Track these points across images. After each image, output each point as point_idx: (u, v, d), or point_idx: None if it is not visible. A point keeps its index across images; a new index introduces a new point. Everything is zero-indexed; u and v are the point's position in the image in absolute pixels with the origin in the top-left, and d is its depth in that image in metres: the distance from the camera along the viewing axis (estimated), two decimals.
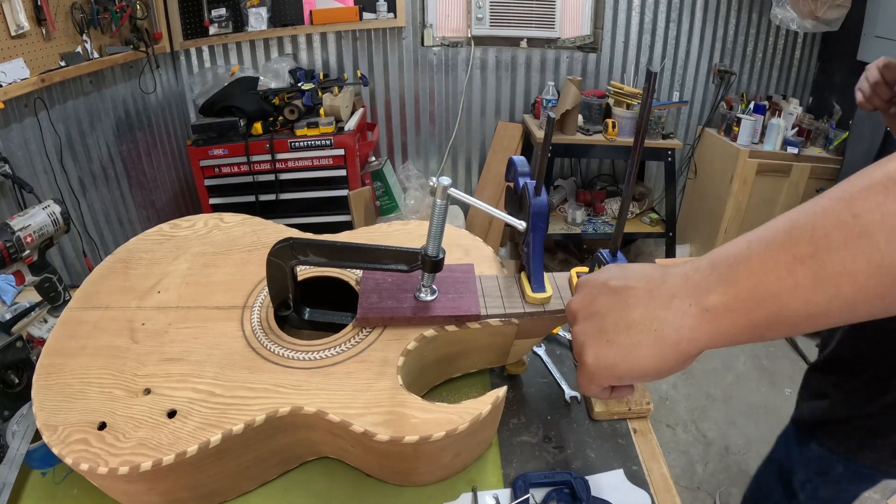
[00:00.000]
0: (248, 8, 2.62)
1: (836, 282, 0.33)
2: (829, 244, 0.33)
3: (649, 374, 0.41)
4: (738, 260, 0.40)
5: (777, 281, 0.36)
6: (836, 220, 0.34)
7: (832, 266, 0.33)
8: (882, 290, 0.32)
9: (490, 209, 0.70)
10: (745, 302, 0.37)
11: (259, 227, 0.86)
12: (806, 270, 0.34)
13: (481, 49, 2.95)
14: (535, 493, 0.66)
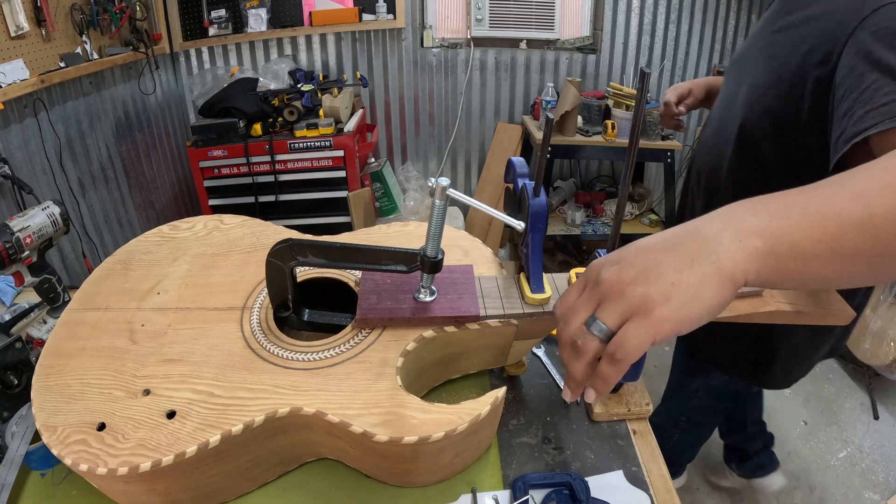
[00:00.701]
0: (247, 9, 2.63)
1: (851, 267, 0.42)
2: (849, 247, 0.42)
3: (713, 310, 0.42)
4: (780, 226, 0.43)
5: (809, 247, 0.42)
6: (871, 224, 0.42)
7: (855, 258, 0.42)
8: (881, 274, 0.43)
9: (489, 210, 0.70)
10: (781, 255, 0.42)
11: (258, 229, 0.86)
12: (832, 254, 0.42)
13: (481, 50, 2.95)
14: (535, 495, 0.66)
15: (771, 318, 0.74)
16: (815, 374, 2.44)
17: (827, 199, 0.43)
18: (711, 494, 1.86)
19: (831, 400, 2.29)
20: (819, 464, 1.99)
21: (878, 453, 2.03)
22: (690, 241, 0.44)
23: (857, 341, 2.25)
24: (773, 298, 0.73)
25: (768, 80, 0.88)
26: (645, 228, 2.99)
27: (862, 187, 0.43)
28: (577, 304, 0.46)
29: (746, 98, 0.93)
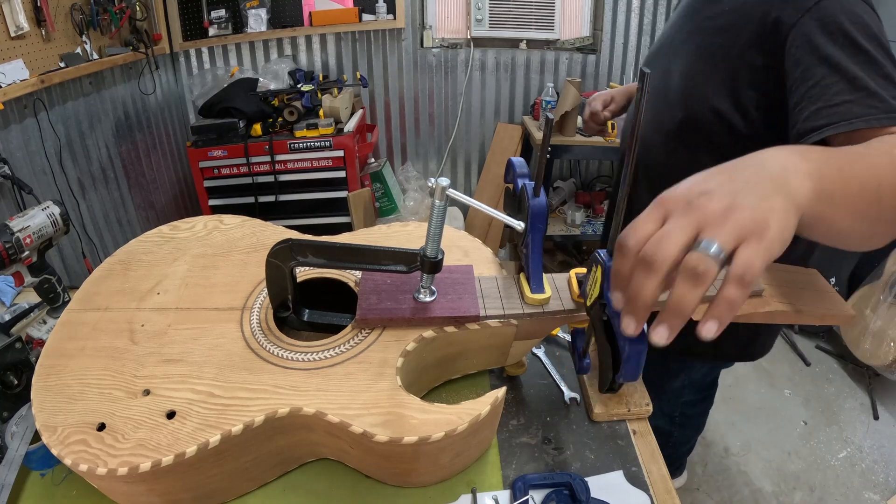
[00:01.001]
0: (247, 9, 2.63)
1: (859, 227, 0.54)
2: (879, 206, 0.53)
3: (790, 238, 0.43)
4: (824, 175, 0.48)
5: (840, 199, 0.49)
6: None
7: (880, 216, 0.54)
8: None
9: (489, 210, 0.70)
10: (822, 199, 0.47)
11: (258, 229, 0.86)
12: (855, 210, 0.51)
13: (481, 50, 2.95)
14: (535, 495, 0.66)
15: (771, 318, 0.74)
16: (816, 373, 2.44)
17: (851, 165, 0.52)
18: (712, 495, 1.86)
19: (831, 400, 2.29)
20: (819, 464, 1.99)
21: (878, 453, 2.03)
22: (765, 175, 0.45)
23: (857, 341, 2.25)
24: (773, 298, 0.74)
25: (704, 70, 0.88)
26: None
27: (876, 162, 0.55)
28: (667, 231, 0.43)
29: (683, 90, 0.92)
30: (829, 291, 0.78)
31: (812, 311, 0.74)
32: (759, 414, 2.21)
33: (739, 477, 1.93)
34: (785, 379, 2.40)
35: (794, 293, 0.75)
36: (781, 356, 2.54)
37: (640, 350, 0.53)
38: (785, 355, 2.55)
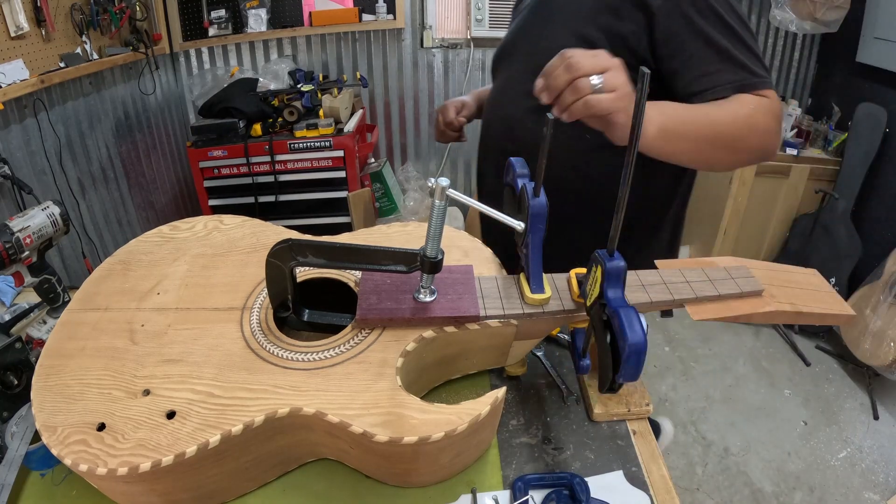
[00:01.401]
0: (247, 9, 2.63)
1: (696, 154, 0.84)
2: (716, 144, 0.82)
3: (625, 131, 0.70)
4: (665, 117, 0.79)
5: (678, 132, 0.80)
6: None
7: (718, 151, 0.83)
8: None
9: (489, 210, 0.70)
10: (665, 129, 0.78)
11: (258, 229, 0.86)
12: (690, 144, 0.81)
13: (481, 50, 2.95)
14: (535, 495, 0.66)
15: (771, 318, 0.74)
16: (816, 373, 2.44)
17: (694, 117, 0.81)
18: (712, 495, 1.86)
19: (831, 400, 2.29)
20: (819, 464, 1.99)
21: (878, 453, 2.03)
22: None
23: (857, 341, 2.25)
24: (773, 298, 0.74)
25: (566, 44, 0.88)
26: None
27: (716, 115, 0.82)
28: (585, 68, 0.68)
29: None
30: (829, 291, 0.78)
31: (812, 311, 0.74)
32: (759, 414, 2.21)
33: (739, 477, 1.93)
34: (785, 379, 2.40)
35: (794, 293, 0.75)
36: (781, 356, 2.54)
37: (641, 350, 0.53)
38: (785, 355, 2.55)
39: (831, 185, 2.65)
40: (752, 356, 2.54)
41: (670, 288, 0.73)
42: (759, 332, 2.70)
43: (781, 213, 2.77)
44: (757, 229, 2.82)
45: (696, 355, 2.55)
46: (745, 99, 0.84)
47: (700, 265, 0.78)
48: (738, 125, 0.82)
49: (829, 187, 2.62)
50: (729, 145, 0.83)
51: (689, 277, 0.75)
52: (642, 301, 0.71)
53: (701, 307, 0.72)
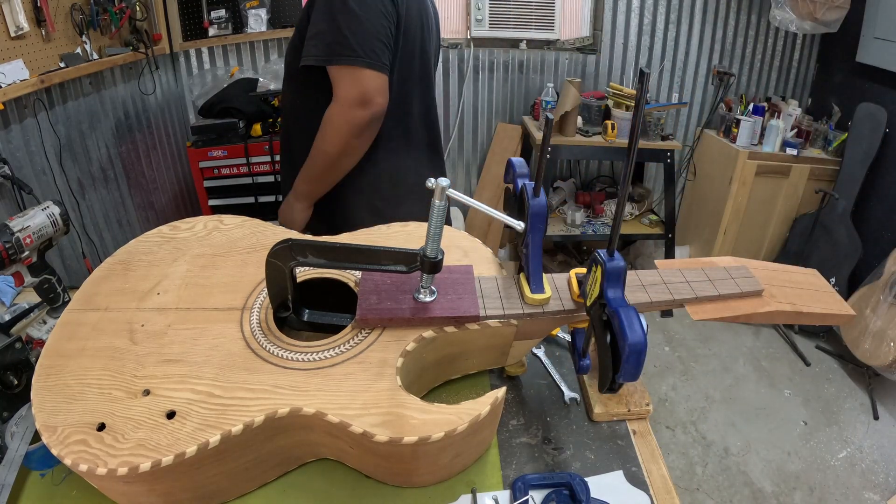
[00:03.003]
0: (247, 9, 2.63)
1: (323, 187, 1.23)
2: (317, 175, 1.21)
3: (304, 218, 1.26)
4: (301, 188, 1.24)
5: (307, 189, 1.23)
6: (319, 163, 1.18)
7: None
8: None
9: (489, 210, 0.70)
10: (305, 194, 1.23)
11: (258, 229, 0.86)
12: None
13: (480, 50, 2.95)
14: (535, 495, 0.66)
15: (771, 318, 0.74)
16: (816, 373, 2.44)
17: (310, 165, 1.19)
18: (712, 495, 1.86)
19: (831, 400, 2.29)
20: (819, 464, 1.99)
21: (878, 453, 2.03)
22: (292, 209, 1.25)
23: (857, 341, 2.25)
24: (773, 298, 0.74)
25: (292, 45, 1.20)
26: (645, 228, 2.98)
27: (317, 144, 1.15)
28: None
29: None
30: (829, 291, 0.78)
31: (812, 311, 0.74)
32: (759, 414, 2.21)
33: (739, 477, 1.93)
34: (785, 379, 2.41)
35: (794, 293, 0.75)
36: (781, 356, 2.55)
37: (640, 350, 0.53)
38: (785, 355, 2.55)
39: (831, 185, 2.65)
40: (752, 356, 2.54)
41: (670, 288, 0.73)
42: (759, 332, 2.70)
43: (781, 213, 2.77)
44: (757, 229, 2.82)
45: (696, 355, 2.55)
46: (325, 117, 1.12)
47: (700, 265, 0.78)
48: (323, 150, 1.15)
49: (829, 187, 2.62)
50: (330, 167, 1.17)
51: (689, 277, 0.75)
52: (642, 301, 0.71)
53: (701, 307, 0.72)
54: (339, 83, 1.08)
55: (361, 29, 1.06)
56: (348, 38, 1.05)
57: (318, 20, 1.07)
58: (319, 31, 1.07)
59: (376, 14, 1.08)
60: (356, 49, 1.06)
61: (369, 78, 1.08)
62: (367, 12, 1.07)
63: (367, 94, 1.08)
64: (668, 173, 2.77)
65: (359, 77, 1.07)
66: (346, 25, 1.05)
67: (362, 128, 1.12)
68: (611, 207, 3.10)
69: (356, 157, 1.17)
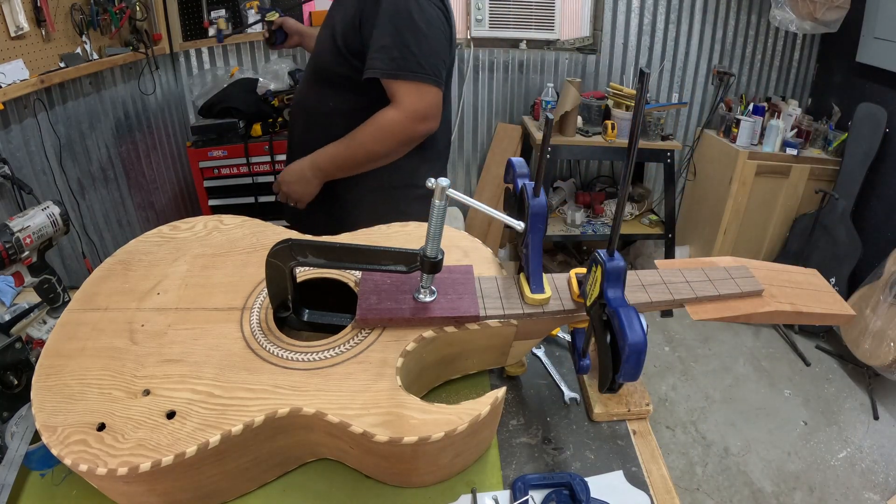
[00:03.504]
0: (247, 9, 2.63)
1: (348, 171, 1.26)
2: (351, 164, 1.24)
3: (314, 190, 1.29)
4: (319, 162, 1.25)
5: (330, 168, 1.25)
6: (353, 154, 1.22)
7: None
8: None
9: (489, 210, 0.70)
10: (324, 171, 1.25)
11: (258, 229, 0.86)
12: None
13: (480, 50, 2.95)
14: (535, 495, 0.66)
15: (771, 318, 0.74)
16: (816, 373, 2.44)
17: (344, 150, 1.20)
18: (712, 495, 1.86)
19: (831, 400, 2.29)
20: (819, 464, 1.99)
21: (878, 453, 2.03)
22: (302, 176, 1.26)
23: (857, 341, 2.25)
24: (773, 298, 0.74)
25: (328, 45, 1.22)
26: (645, 228, 2.98)
27: (360, 137, 1.18)
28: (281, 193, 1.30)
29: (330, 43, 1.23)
30: (829, 291, 0.78)
31: (812, 311, 0.74)
32: (759, 414, 2.21)
33: (739, 477, 1.93)
34: (785, 379, 2.41)
35: (794, 293, 0.75)
36: (781, 356, 2.55)
37: (640, 350, 0.53)
38: (785, 355, 2.55)
39: (831, 185, 2.65)
40: (752, 356, 2.54)
41: (670, 288, 0.73)
42: (759, 332, 2.70)
43: (781, 213, 2.77)
44: (757, 229, 2.82)
45: (696, 355, 2.55)
46: (373, 116, 1.16)
47: (700, 265, 0.78)
48: (369, 145, 1.18)
49: (829, 187, 2.62)
50: (367, 159, 1.21)
51: (689, 277, 0.75)
52: (642, 301, 0.71)
53: (701, 307, 0.72)
54: (404, 97, 1.13)
55: (427, 46, 1.11)
56: (416, 54, 1.10)
57: (382, 34, 1.10)
58: (385, 45, 1.10)
59: (438, 33, 1.14)
60: (424, 66, 1.11)
61: (433, 94, 1.15)
62: (431, 31, 1.12)
63: (429, 109, 1.15)
64: (668, 173, 2.77)
65: (424, 93, 1.13)
66: (414, 42, 1.10)
67: (416, 140, 1.19)
68: (611, 207, 3.10)
69: (393, 160, 1.23)
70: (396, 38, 1.09)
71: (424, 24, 1.11)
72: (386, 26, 1.09)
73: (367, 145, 1.18)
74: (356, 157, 1.20)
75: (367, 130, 1.17)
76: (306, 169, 1.24)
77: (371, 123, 1.16)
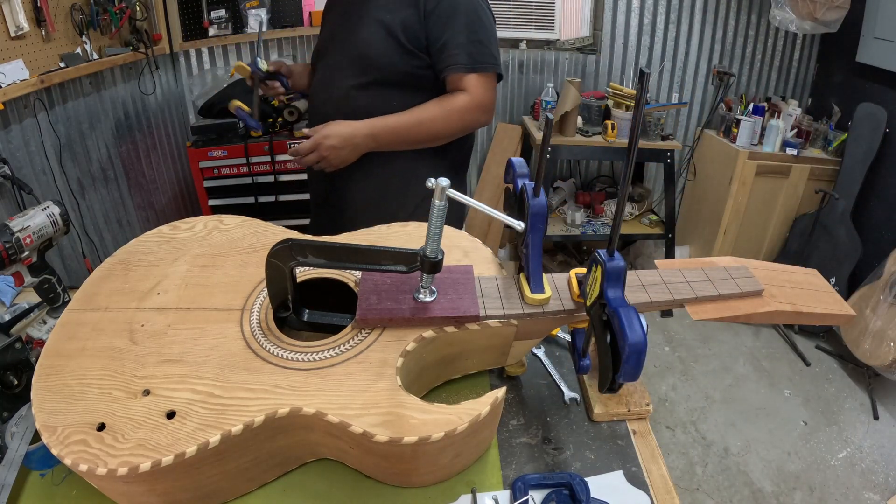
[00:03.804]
0: (247, 9, 2.63)
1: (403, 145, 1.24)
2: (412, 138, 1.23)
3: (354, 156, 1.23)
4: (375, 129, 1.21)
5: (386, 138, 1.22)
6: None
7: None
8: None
9: (489, 210, 0.70)
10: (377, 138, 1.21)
11: (258, 229, 0.86)
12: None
13: None
14: (535, 495, 0.66)
15: (771, 318, 0.74)
16: (816, 373, 2.44)
17: (398, 122, 1.20)
18: (712, 495, 1.86)
19: (831, 400, 2.29)
20: (819, 464, 1.99)
21: (878, 453, 2.03)
22: (348, 139, 1.19)
23: (857, 341, 2.25)
24: (773, 298, 0.74)
25: (373, 33, 1.20)
26: (645, 228, 2.99)
27: (422, 115, 1.19)
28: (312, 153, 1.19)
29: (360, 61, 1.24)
30: (829, 291, 0.78)
31: (812, 311, 0.74)
32: (759, 414, 2.21)
33: (739, 477, 1.93)
34: (785, 379, 2.41)
35: (794, 293, 0.75)
36: (781, 356, 2.55)
37: (641, 350, 0.53)
38: (785, 355, 2.55)
39: (831, 185, 2.65)
40: (752, 356, 2.54)
41: (670, 288, 0.73)
42: (759, 332, 2.70)
43: (781, 213, 2.77)
44: (757, 229, 2.82)
45: (696, 355, 2.55)
46: (445, 98, 1.20)
47: (700, 265, 0.78)
48: (437, 123, 1.20)
49: (829, 187, 2.62)
50: (428, 138, 1.22)
51: (689, 277, 0.75)
52: (642, 301, 0.71)
53: (701, 307, 0.72)
54: (476, 87, 1.18)
55: (494, 41, 1.20)
56: (489, 48, 1.18)
57: (456, 31, 1.15)
58: (460, 42, 1.15)
59: (495, 30, 1.22)
60: (496, 59, 1.20)
61: (495, 89, 1.23)
62: (492, 26, 1.21)
63: (492, 103, 1.22)
64: (668, 173, 2.77)
65: (491, 86, 1.21)
66: (485, 37, 1.18)
67: (474, 129, 1.26)
68: (611, 207, 3.10)
69: (439, 145, 1.26)
70: (471, 35, 1.15)
71: (487, 21, 1.19)
72: (458, 23, 1.15)
73: (433, 124, 1.19)
74: (417, 134, 1.20)
75: (434, 111, 1.19)
76: (359, 135, 1.19)
77: (440, 105, 1.19)
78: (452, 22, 1.15)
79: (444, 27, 1.16)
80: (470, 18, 1.16)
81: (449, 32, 1.16)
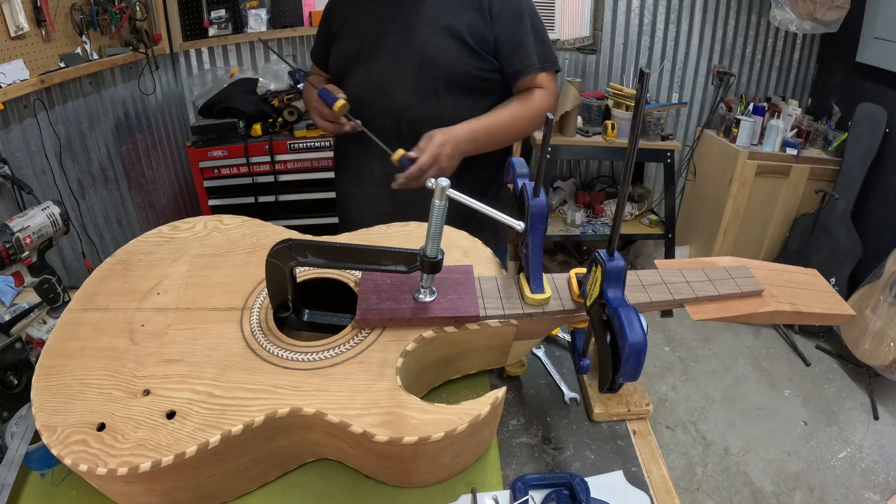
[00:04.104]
0: (247, 9, 2.63)
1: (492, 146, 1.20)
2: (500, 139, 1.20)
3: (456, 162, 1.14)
4: (475, 132, 1.14)
5: (482, 139, 1.16)
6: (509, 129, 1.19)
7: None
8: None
9: (489, 210, 0.70)
10: (475, 141, 1.14)
11: (258, 229, 0.86)
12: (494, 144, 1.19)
13: None
14: (535, 495, 0.66)
15: (771, 318, 0.74)
16: (816, 373, 2.44)
17: (491, 123, 1.16)
18: (712, 495, 1.86)
19: (831, 400, 2.29)
20: (819, 464, 1.99)
21: (878, 453, 2.03)
22: (454, 148, 1.10)
23: (857, 341, 2.25)
24: (773, 298, 0.74)
25: (439, 38, 1.15)
26: (645, 228, 2.98)
27: (509, 114, 1.18)
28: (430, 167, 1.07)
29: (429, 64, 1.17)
30: (829, 291, 0.78)
31: (812, 311, 0.74)
32: (759, 414, 2.21)
33: (739, 477, 1.93)
34: (785, 379, 2.41)
35: (794, 293, 0.75)
36: (781, 356, 2.54)
37: (640, 350, 0.53)
38: (785, 355, 2.55)
39: (831, 185, 2.65)
40: (752, 356, 2.54)
41: (670, 288, 0.73)
42: (759, 332, 2.70)
43: (781, 213, 2.77)
44: (757, 229, 2.82)
45: (696, 355, 2.55)
46: (525, 97, 1.20)
47: (700, 265, 0.78)
48: (523, 122, 1.19)
49: (829, 187, 2.62)
50: (516, 136, 1.22)
51: (689, 277, 0.75)
52: (642, 301, 0.71)
53: (701, 307, 0.72)
54: (549, 84, 1.21)
55: (549, 38, 1.23)
56: (551, 46, 1.22)
57: (525, 32, 1.17)
58: (526, 43, 1.17)
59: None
60: (556, 56, 1.24)
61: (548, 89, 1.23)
62: (544, 25, 1.23)
63: (558, 97, 1.27)
64: (668, 173, 2.77)
65: (555, 82, 1.24)
66: (546, 36, 1.21)
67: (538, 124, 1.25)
68: (611, 207, 3.10)
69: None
70: (536, 34, 1.18)
71: (539, 20, 1.21)
72: (525, 24, 1.17)
73: (522, 122, 1.19)
74: (508, 135, 1.20)
75: (520, 110, 1.19)
76: (462, 140, 1.11)
77: (524, 104, 1.19)
78: (520, 23, 1.16)
79: (514, 28, 1.16)
80: (533, 18, 1.18)
81: (521, 33, 1.16)
